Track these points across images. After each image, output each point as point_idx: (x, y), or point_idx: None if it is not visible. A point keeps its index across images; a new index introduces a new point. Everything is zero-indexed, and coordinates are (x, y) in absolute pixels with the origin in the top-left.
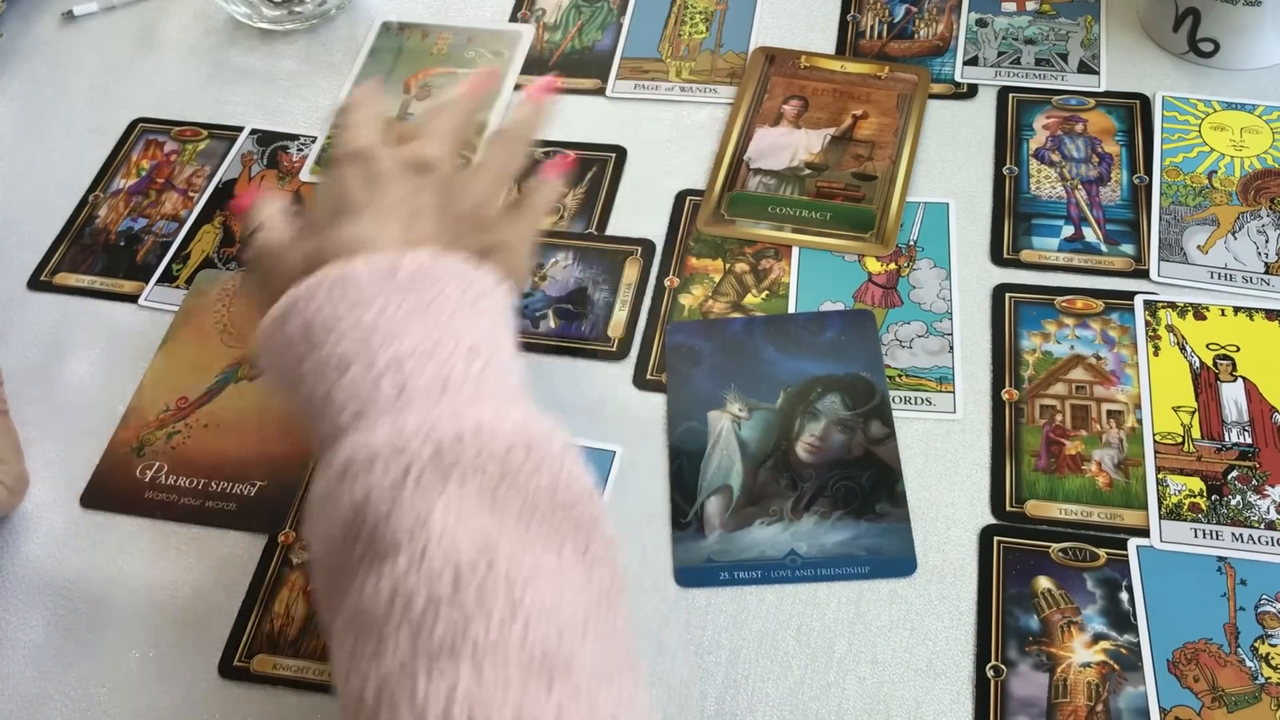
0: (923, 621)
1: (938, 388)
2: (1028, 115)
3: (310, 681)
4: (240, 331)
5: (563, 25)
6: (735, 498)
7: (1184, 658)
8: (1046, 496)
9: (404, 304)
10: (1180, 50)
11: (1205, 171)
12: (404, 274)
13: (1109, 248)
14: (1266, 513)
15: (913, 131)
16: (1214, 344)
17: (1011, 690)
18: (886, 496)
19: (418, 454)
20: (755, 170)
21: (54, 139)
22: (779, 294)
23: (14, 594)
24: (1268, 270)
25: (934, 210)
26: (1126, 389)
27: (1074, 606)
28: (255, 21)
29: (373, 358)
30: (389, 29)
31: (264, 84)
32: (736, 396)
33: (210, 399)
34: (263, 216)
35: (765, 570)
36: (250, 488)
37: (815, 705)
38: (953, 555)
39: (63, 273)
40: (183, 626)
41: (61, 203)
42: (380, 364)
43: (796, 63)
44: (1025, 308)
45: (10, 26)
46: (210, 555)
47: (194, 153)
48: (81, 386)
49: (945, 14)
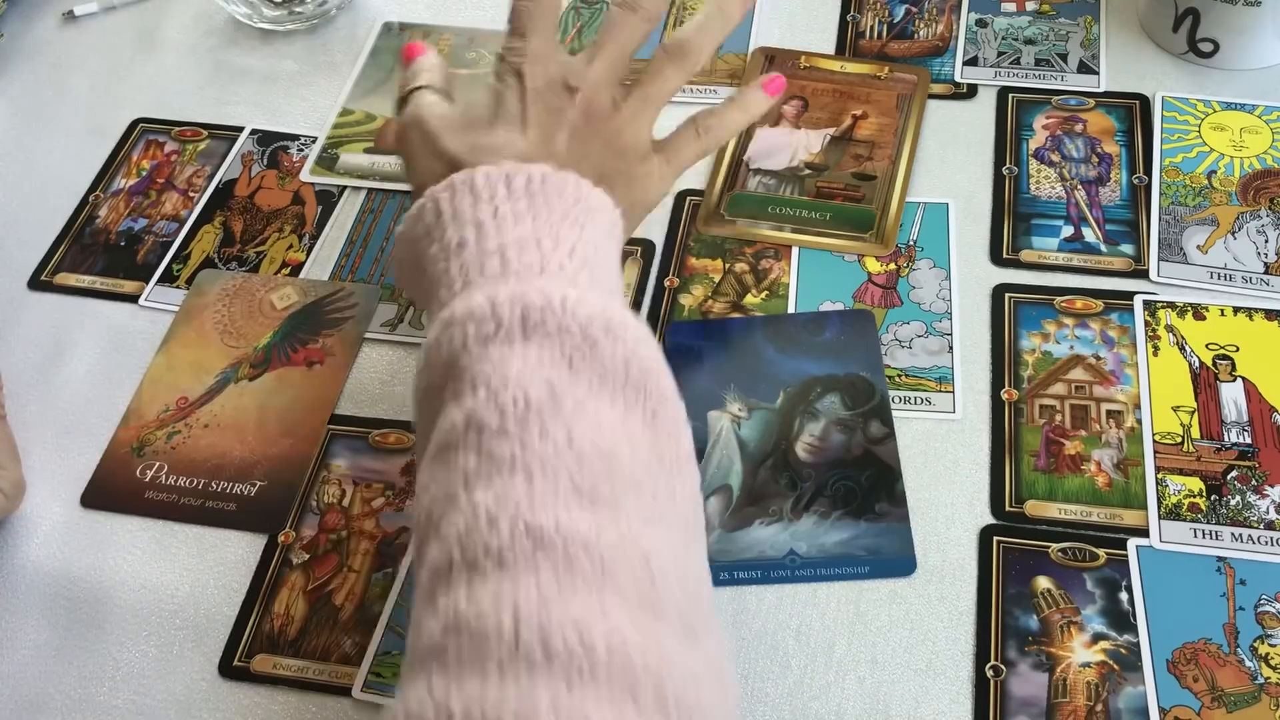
0: (922, 621)
1: (937, 388)
2: (1027, 115)
3: (310, 681)
4: (240, 332)
5: (562, 27)
6: (735, 497)
7: (1183, 658)
8: (1046, 496)
9: (517, 206)
10: (1180, 50)
11: (1205, 172)
12: (520, 182)
13: (1109, 248)
14: (1266, 513)
15: (912, 131)
16: (1213, 344)
17: (1011, 690)
18: (886, 496)
19: (507, 315)
20: (755, 170)
21: (54, 139)
22: (779, 294)
23: (14, 594)
24: (1267, 270)
25: (934, 210)
26: (1126, 389)
27: (1073, 606)
28: (255, 21)
29: (484, 243)
30: (390, 29)
31: (264, 84)
32: (736, 396)
33: (210, 399)
34: (426, 77)
35: (765, 570)
36: (250, 488)
37: (815, 705)
38: (952, 555)
39: (63, 273)
40: (183, 626)
41: (61, 203)
42: (490, 247)
43: (796, 63)
44: (1025, 308)
45: (10, 26)
46: (210, 555)
47: (194, 153)
48: (81, 386)
49: (945, 14)
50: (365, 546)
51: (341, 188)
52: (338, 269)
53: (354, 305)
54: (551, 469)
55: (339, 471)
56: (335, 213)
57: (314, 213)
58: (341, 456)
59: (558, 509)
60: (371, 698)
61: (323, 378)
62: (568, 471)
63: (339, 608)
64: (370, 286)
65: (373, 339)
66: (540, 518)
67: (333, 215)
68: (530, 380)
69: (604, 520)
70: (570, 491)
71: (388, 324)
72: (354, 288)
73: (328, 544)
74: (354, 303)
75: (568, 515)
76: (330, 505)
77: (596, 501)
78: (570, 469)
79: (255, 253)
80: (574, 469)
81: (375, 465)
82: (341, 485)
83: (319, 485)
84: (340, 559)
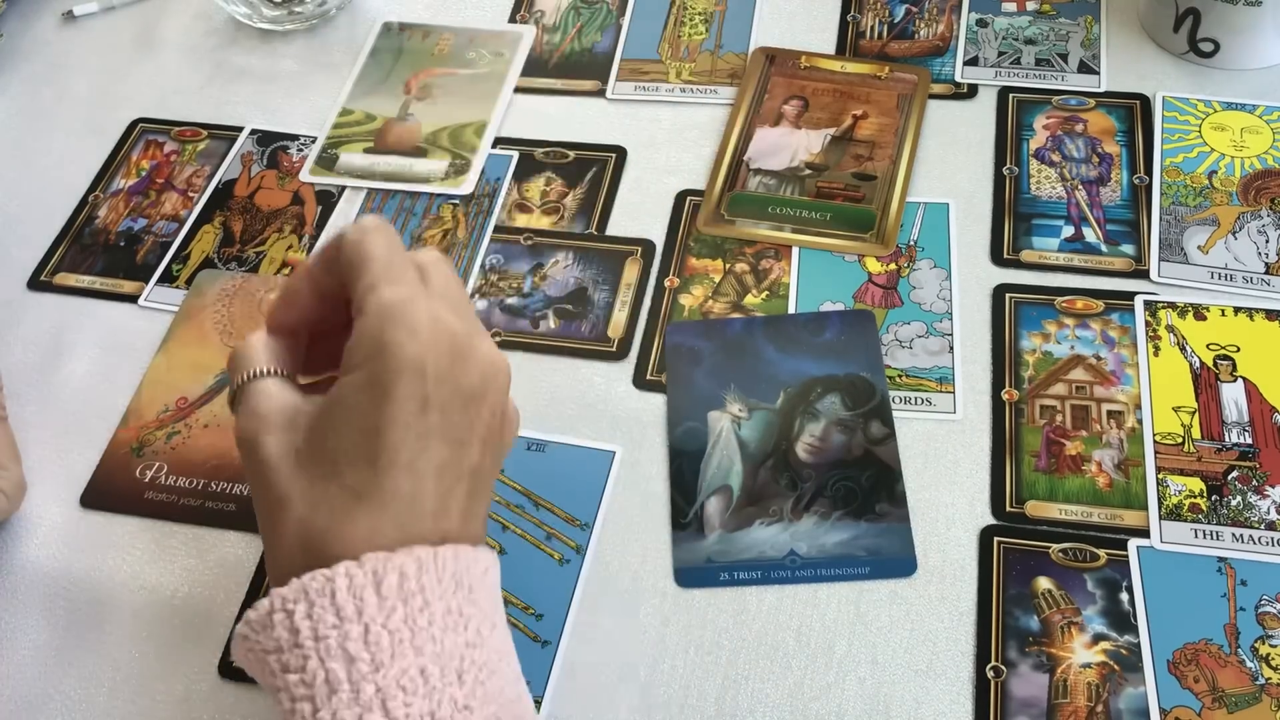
0: (923, 622)
1: (938, 388)
2: (1028, 115)
3: None
4: (240, 332)
5: (562, 27)
6: (735, 498)
7: (1184, 658)
8: (1046, 497)
9: (390, 621)
10: (1180, 50)
11: (1205, 172)
12: (392, 582)
13: (1109, 248)
14: (1267, 513)
15: (913, 132)
16: (1214, 344)
17: (1011, 691)
18: (886, 497)
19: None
20: (755, 170)
21: (54, 139)
22: (779, 294)
23: (14, 594)
24: (1268, 270)
25: (934, 210)
26: (1126, 389)
27: (1074, 607)
28: (255, 22)
29: (358, 687)
30: (390, 29)
31: (264, 84)
32: (736, 397)
33: (210, 399)
34: (255, 362)
35: (765, 570)
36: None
37: (815, 705)
38: (953, 555)
39: (63, 273)
40: (183, 626)
41: (61, 203)
42: (366, 696)
43: (796, 63)
44: (1025, 308)
45: (10, 26)
46: (210, 555)
47: (194, 153)
48: (81, 386)
49: (945, 14)
50: None
51: (341, 188)
52: None
53: None
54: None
55: None
56: (335, 213)
57: (314, 213)
58: None
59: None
60: None
61: None
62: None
63: None
64: None
65: None
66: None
67: (332, 215)
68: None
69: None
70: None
71: None
72: None
73: None
74: None
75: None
76: None
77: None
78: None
79: (255, 253)
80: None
81: None
82: None
83: None
84: None
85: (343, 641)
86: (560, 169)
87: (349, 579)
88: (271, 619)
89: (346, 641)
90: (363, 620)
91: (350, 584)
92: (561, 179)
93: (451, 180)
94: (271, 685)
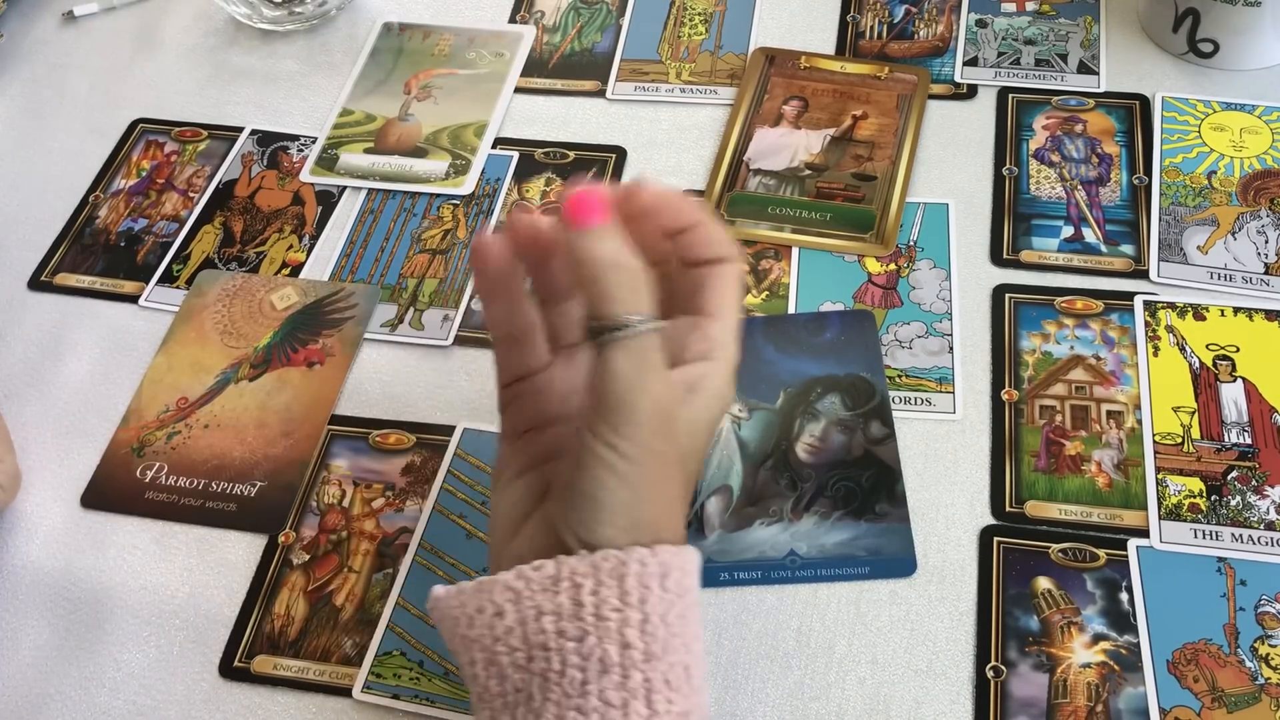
0: (923, 622)
1: (937, 388)
2: (1027, 116)
3: (310, 682)
4: (240, 332)
5: (562, 27)
6: (735, 498)
7: (1184, 658)
8: (1046, 497)
9: (668, 615)
10: (1180, 51)
11: (1205, 172)
12: (675, 579)
13: (1109, 248)
14: (1266, 513)
15: (912, 132)
16: (1214, 344)
17: (1011, 691)
18: (886, 497)
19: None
20: (755, 171)
21: (54, 139)
22: (779, 294)
23: (14, 594)
24: (1267, 271)
25: (934, 211)
26: (1126, 389)
27: (1074, 607)
28: (255, 22)
29: (628, 673)
30: (390, 29)
31: (264, 84)
32: (736, 397)
33: (210, 399)
34: (644, 303)
35: (765, 571)
36: (250, 488)
37: (815, 706)
38: (952, 555)
39: (63, 273)
40: (183, 626)
41: (61, 203)
42: (634, 684)
43: (796, 63)
44: (1025, 308)
45: (10, 26)
46: (210, 556)
47: (194, 153)
48: (81, 386)
49: (945, 14)
50: (365, 547)
51: (341, 188)
52: (338, 269)
53: (354, 305)
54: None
55: (339, 472)
56: (335, 213)
57: (314, 213)
58: (341, 457)
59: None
60: (371, 698)
61: (323, 378)
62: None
63: (339, 608)
64: (370, 287)
65: (372, 339)
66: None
67: (333, 215)
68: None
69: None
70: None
71: (388, 324)
72: (354, 288)
73: (328, 544)
74: (354, 303)
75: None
76: (330, 506)
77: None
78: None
79: (255, 253)
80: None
81: (375, 466)
82: (341, 486)
83: (319, 486)
84: (340, 559)
85: (621, 627)
86: (560, 169)
87: (641, 565)
88: (558, 585)
89: (625, 628)
90: (644, 609)
91: (642, 570)
92: (562, 179)
93: (452, 180)
94: (518, 640)
